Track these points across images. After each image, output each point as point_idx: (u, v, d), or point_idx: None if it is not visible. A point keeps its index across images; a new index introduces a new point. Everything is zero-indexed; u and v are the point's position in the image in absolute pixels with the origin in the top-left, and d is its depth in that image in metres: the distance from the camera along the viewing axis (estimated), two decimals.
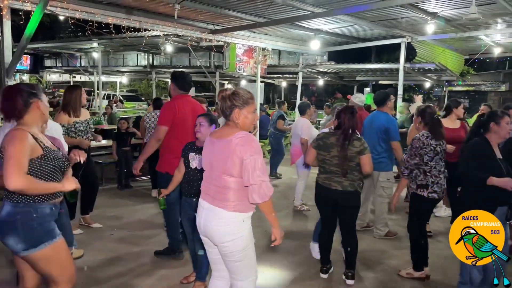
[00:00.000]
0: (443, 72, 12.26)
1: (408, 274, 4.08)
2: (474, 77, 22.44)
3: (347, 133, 3.68)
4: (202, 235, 2.67)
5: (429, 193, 3.83)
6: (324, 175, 3.81)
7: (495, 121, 3.38)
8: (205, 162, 2.64)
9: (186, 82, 4.39)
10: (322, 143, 3.80)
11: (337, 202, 3.79)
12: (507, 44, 11.67)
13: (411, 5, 7.22)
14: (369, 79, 15.15)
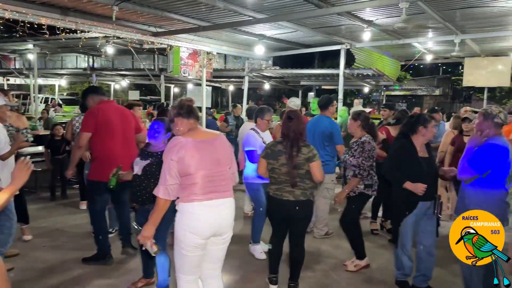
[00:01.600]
0: (380, 78, 12.87)
1: (357, 266, 4.33)
2: (411, 82, 23.87)
3: (294, 139, 3.49)
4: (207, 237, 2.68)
5: (373, 191, 4.20)
6: (275, 186, 3.57)
7: (424, 125, 3.61)
8: (209, 161, 2.67)
9: (99, 88, 4.50)
10: (270, 151, 3.57)
11: (289, 213, 3.57)
12: (438, 51, 12.50)
13: (348, 13, 7.52)
14: (313, 84, 15.57)
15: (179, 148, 2.61)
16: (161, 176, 2.62)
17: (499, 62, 12.68)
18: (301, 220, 3.65)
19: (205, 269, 2.83)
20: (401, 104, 23.72)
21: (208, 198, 2.66)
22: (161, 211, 2.65)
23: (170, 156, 2.60)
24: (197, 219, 2.63)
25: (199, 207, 2.64)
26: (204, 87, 10.84)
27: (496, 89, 19.43)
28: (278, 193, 3.54)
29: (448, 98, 24.87)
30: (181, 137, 2.68)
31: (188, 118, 2.72)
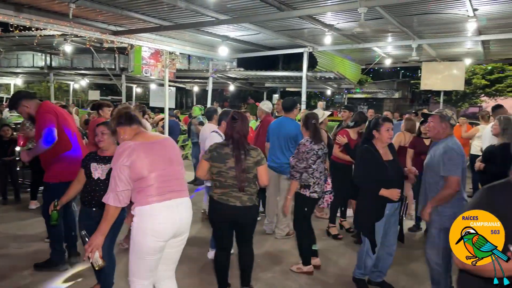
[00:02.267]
0: (342, 81, 13.17)
1: (298, 269, 4.36)
2: (372, 85, 24.53)
3: (239, 141, 3.33)
4: (168, 239, 2.64)
5: (311, 192, 4.16)
6: (220, 190, 3.35)
7: (376, 129, 3.70)
8: (161, 161, 2.65)
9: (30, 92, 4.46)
10: (217, 154, 3.33)
11: (235, 219, 3.40)
12: (397, 55, 12.94)
13: (310, 17, 7.65)
14: (277, 86, 15.71)
15: (130, 152, 2.56)
16: (111, 183, 2.56)
17: (454, 66, 13.24)
18: (248, 226, 3.52)
19: (160, 270, 2.79)
20: (362, 107, 24.35)
21: (167, 198, 2.62)
22: (111, 219, 2.57)
23: (120, 161, 2.54)
24: (158, 221, 2.58)
25: (159, 208, 2.59)
26: (167, 87, 10.68)
27: (452, 92, 20.28)
28: (224, 198, 3.32)
29: (407, 101, 25.72)
30: (129, 142, 2.63)
31: (130, 125, 2.72)
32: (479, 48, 11.24)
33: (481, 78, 20.61)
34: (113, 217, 2.58)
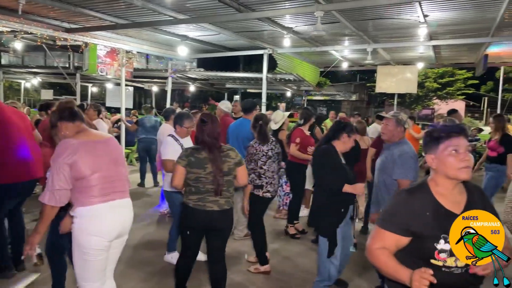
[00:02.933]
0: (301, 83, 13.34)
1: (256, 270, 4.39)
2: (330, 88, 25.11)
3: (215, 144, 3.21)
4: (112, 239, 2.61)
5: (264, 192, 4.24)
6: (196, 196, 3.20)
7: (348, 134, 3.71)
8: (106, 161, 2.61)
9: None
10: (195, 160, 3.17)
11: (211, 225, 3.25)
12: (353, 59, 13.30)
13: (268, 19, 7.70)
14: (238, 87, 15.71)
15: (72, 150, 2.48)
16: (48, 181, 2.47)
17: (407, 70, 13.77)
18: (223, 230, 3.37)
19: None
20: (321, 108, 24.86)
21: (110, 199, 2.59)
22: (47, 219, 2.51)
23: (61, 159, 2.46)
24: (102, 221, 2.55)
25: (103, 208, 2.55)
26: (124, 87, 10.41)
27: (406, 95, 21.09)
28: (201, 204, 3.19)
29: (364, 103, 26.57)
30: (72, 140, 2.55)
31: (73, 121, 2.65)
32: (431, 52, 11.76)
33: (433, 81, 21.62)
34: (49, 216, 2.51)
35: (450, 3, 6.74)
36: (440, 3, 6.70)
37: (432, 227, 1.79)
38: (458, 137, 1.80)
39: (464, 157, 1.79)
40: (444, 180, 1.84)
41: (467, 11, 7.17)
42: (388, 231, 1.85)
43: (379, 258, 1.84)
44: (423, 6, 6.85)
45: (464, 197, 1.88)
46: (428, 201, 1.83)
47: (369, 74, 24.08)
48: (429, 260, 1.80)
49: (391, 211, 1.89)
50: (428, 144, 1.87)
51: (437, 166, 1.83)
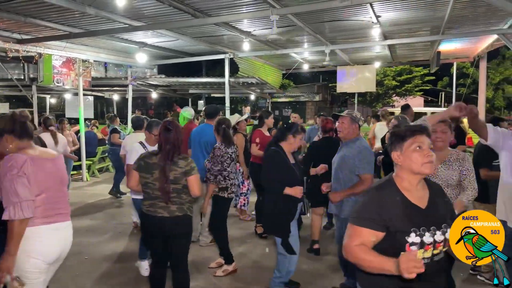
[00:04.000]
0: (264, 86, 13.45)
1: (225, 271, 4.41)
2: (294, 90, 25.40)
3: (170, 151, 3.17)
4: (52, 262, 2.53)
5: (229, 194, 4.35)
6: (148, 201, 3.21)
7: (293, 134, 3.78)
8: (53, 181, 2.52)
9: None
10: (144, 164, 3.19)
11: (165, 231, 3.22)
12: (313, 60, 13.53)
13: (226, 24, 7.74)
14: (202, 92, 15.64)
15: (26, 165, 2.36)
16: (7, 196, 2.30)
17: (366, 70, 14.15)
18: (179, 238, 3.28)
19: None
20: (287, 110, 25.14)
21: (53, 221, 2.49)
22: (18, 237, 2.31)
23: (15, 172, 2.31)
24: (43, 243, 2.44)
25: (46, 230, 2.45)
26: (81, 97, 10.15)
27: (367, 93, 21.66)
28: (152, 210, 3.18)
29: (328, 103, 27.06)
30: (22, 155, 2.40)
31: (20, 139, 2.47)
32: (387, 52, 12.14)
33: (391, 79, 22.30)
34: (19, 234, 2.31)
35: (400, 4, 7.00)
36: (391, 4, 6.95)
37: (402, 221, 1.86)
38: (422, 135, 1.92)
39: (428, 153, 1.90)
40: (409, 175, 1.93)
41: (417, 10, 7.46)
42: (364, 227, 1.88)
43: (359, 254, 1.86)
44: (374, 8, 7.07)
45: (427, 193, 1.98)
46: (396, 196, 1.91)
47: (331, 74, 24.56)
48: (400, 253, 1.84)
49: (364, 208, 1.93)
50: (393, 143, 1.96)
51: (402, 162, 1.92)
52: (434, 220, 1.91)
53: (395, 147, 1.95)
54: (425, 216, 1.90)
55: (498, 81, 24.58)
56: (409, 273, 1.63)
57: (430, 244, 1.86)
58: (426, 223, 1.88)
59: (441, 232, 1.90)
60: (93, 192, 8.84)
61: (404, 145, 1.91)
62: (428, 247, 1.86)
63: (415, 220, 1.86)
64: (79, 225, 6.38)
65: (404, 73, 22.42)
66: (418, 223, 1.86)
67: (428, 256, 1.88)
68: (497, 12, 7.37)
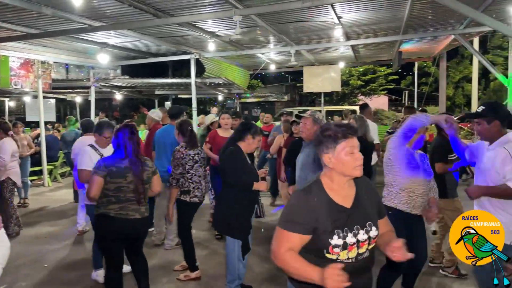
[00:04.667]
0: (231, 86, 13.41)
1: (186, 277, 4.35)
2: (263, 90, 25.51)
3: (137, 154, 3.33)
4: None
5: (191, 198, 4.22)
6: (117, 205, 3.24)
7: (253, 135, 3.78)
8: None
9: None
10: (116, 169, 3.24)
11: (134, 232, 3.38)
12: (279, 60, 13.62)
13: (190, 24, 7.66)
14: (168, 93, 15.42)
15: None
16: None
17: (331, 70, 14.35)
18: (142, 237, 3.59)
19: None
20: (256, 110, 25.16)
21: None
22: None
23: None
24: None
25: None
26: (41, 99, 9.81)
27: (333, 93, 22.01)
28: (123, 213, 3.25)
29: (296, 103, 27.29)
30: None
31: None
32: (350, 52, 12.38)
33: (357, 79, 22.75)
34: None
35: (361, 5, 7.13)
36: (351, 5, 7.07)
37: (326, 223, 1.85)
38: (353, 138, 1.89)
39: (359, 156, 1.89)
40: (339, 177, 1.92)
41: (377, 11, 7.63)
42: (292, 232, 1.86)
43: (288, 261, 1.86)
44: (336, 9, 7.19)
45: (353, 191, 1.97)
46: (322, 198, 1.90)
47: (299, 74, 24.82)
48: (324, 254, 1.87)
49: (292, 212, 1.90)
50: (324, 144, 1.91)
51: (334, 165, 1.89)
52: (358, 219, 1.91)
53: (327, 149, 1.90)
54: (349, 216, 1.90)
55: (458, 80, 25.53)
56: (333, 287, 1.68)
57: (353, 245, 1.87)
58: (350, 223, 1.88)
59: (365, 231, 1.91)
60: (54, 198, 8.56)
61: (337, 148, 1.88)
62: (352, 248, 1.87)
63: (339, 221, 1.86)
64: (39, 232, 6.19)
65: (368, 73, 22.92)
66: (341, 224, 1.86)
67: (353, 256, 1.89)
68: (453, 14, 7.64)
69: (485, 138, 2.88)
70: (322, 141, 1.92)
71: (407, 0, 6.77)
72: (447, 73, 22.00)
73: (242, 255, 3.70)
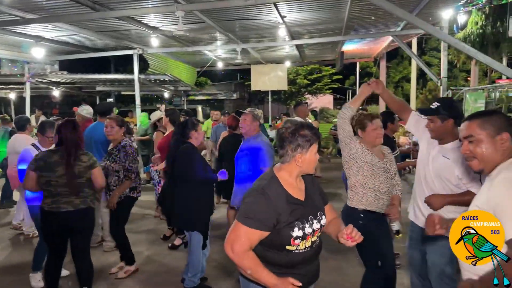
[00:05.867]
0: (178, 83, 13.19)
1: (127, 272, 4.27)
2: (212, 87, 25.32)
3: (71, 149, 3.34)
4: None
5: (137, 193, 4.26)
6: (50, 199, 3.33)
7: (195, 129, 3.78)
8: None
9: None
10: (44, 164, 3.31)
11: (69, 225, 3.39)
12: (227, 58, 13.60)
13: (131, 19, 7.43)
14: (110, 89, 14.87)
15: None
16: None
17: (278, 68, 14.59)
18: (83, 230, 3.51)
19: None
20: (205, 108, 24.93)
21: None
22: None
23: None
24: None
25: None
26: None
27: (281, 91, 22.34)
28: (55, 206, 3.32)
29: (245, 101, 27.36)
30: None
31: None
32: (295, 51, 12.61)
33: (303, 78, 23.22)
34: None
35: (303, 5, 7.28)
36: (294, 5, 7.19)
37: (287, 217, 1.92)
38: (317, 141, 2.04)
39: (317, 157, 2.06)
40: (298, 173, 2.04)
41: (319, 12, 7.83)
42: (254, 228, 1.89)
43: (245, 262, 1.90)
44: (279, 8, 7.28)
45: (303, 185, 2.10)
46: (280, 193, 1.97)
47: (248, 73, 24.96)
48: (284, 247, 1.95)
49: (254, 209, 1.93)
50: (300, 144, 1.98)
51: (301, 164, 1.99)
52: (312, 210, 2.04)
53: (302, 149, 1.98)
54: (305, 208, 2.00)
55: (397, 79, 26.82)
56: None
57: (310, 234, 1.98)
58: (306, 215, 1.99)
59: (317, 220, 2.04)
60: None
61: (310, 149, 1.99)
62: (309, 237, 1.98)
63: (298, 214, 1.96)
64: None
65: (314, 72, 23.47)
66: (300, 216, 1.96)
67: (308, 245, 2.00)
68: (391, 16, 8.00)
69: (436, 136, 2.73)
70: (297, 140, 1.98)
71: (346, 1, 6.99)
72: (387, 73, 23.10)
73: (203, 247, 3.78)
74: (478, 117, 1.79)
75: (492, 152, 1.72)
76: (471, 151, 1.75)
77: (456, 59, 16.82)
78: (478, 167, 1.77)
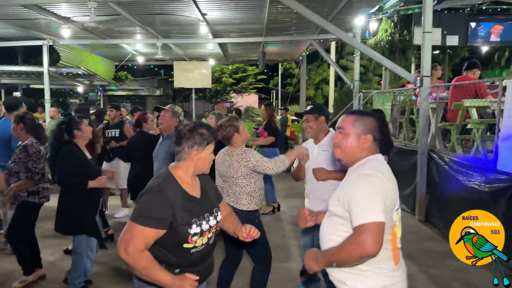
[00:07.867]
0: (93, 77, 12.47)
1: (22, 283, 3.88)
2: (133, 83, 24.36)
3: None
4: None
5: (40, 198, 3.84)
6: None
7: (78, 128, 3.54)
8: None
9: None
10: None
11: None
12: (147, 53, 13.17)
13: (38, 7, 6.86)
14: (16, 82, 13.59)
15: None
16: None
17: (202, 66, 14.41)
18: None
19: None
20: (125, 104, 23.91)
21: None
22: None
23: None
24: None
25: None
26: None
27: (206, 89, 22.17)
28: None
29: (169, 98, 26.71)
30: None
31: None
32: (219, 50, 12.57)
33: (228, 76, 23.30)
34: None
35: (223, 4, 7.27)
36: (214, 3, 7.16)
37: (185, 215, 1.93)
38: (214, 141, 2.08)
39: (213, 157, 2.11)
40: (193, 172, 2.05)
41: (239, 11, 7.88)
42: (149, 227, 1.85)
43: (141, 263, 1.85)
44: (199, 5, 7.19)
45: (198, 182, 2.12)
46: (177, 191, 1.96)
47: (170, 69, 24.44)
48: (182, 245, 1.94)
49: (149, 208, 1.90)
50: (197, 141, 1.99)
51: (197, 162, 2.01)
52: (207, 207, 2.07)
53: (198, 147, 2.00)
54: (201, 205, 2.03)
55: (318, 81, 27.95)
56: None
57: (206, 231, 2.02)
58: (202, 212, 2.02)
59: (213, 216, 2.08)
60: None
61: (206, 148, 2.03)
62: (205, 234, 2.02)
63: (195, 211, 1.98)
64: None
65: (239, 72, 23.66)
66: (197, 214, 1.98)
67: (205, 242, 2.03)
68: (310, 21, 8.29)
69: (314, 134, 3.16)
70: (195, 138, 1.99)
71: (265, 3, 7.11)
72: (308, 75, 23.95)
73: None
74: (354, 114, 1.94)
75: (353, 147, 1.86)
76: (339, 141, 1.90)
77: (368, 64, 17.96)
78: (338, 156, 1.93)
